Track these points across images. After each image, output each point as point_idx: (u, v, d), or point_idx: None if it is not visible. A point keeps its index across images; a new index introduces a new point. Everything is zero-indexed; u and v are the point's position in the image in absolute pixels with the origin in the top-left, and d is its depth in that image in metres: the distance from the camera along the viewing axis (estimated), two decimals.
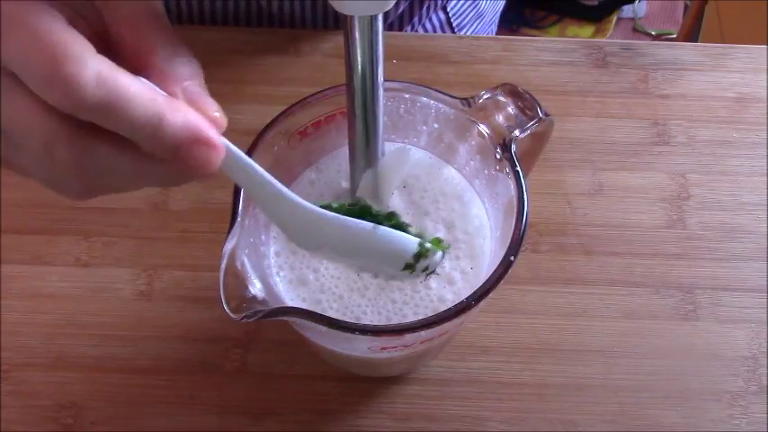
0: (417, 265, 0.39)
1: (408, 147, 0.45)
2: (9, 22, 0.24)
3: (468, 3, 0.72)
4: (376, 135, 0.40)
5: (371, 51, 0.36)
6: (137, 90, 0.26)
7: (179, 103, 0.28)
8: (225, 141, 0.30)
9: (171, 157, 0.28)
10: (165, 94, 0.28)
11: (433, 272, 0.41)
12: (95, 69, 0.25)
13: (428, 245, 0.40)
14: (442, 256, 0.41)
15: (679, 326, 0.51)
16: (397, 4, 0.65)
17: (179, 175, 0.30)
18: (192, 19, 0.65)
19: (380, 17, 0.35)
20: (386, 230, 0.39)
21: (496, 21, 0.80)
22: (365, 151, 0.40)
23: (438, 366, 0.49)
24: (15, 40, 0.24)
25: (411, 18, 0.68)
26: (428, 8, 0.69)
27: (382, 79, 0.38)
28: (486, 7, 0.75)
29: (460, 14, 0.72)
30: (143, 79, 0.27)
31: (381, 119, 0.39)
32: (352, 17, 0.34)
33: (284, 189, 0.35)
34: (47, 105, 0.25)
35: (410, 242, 0.39)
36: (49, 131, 0.26)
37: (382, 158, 0.42)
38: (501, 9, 0.81)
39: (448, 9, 0.71)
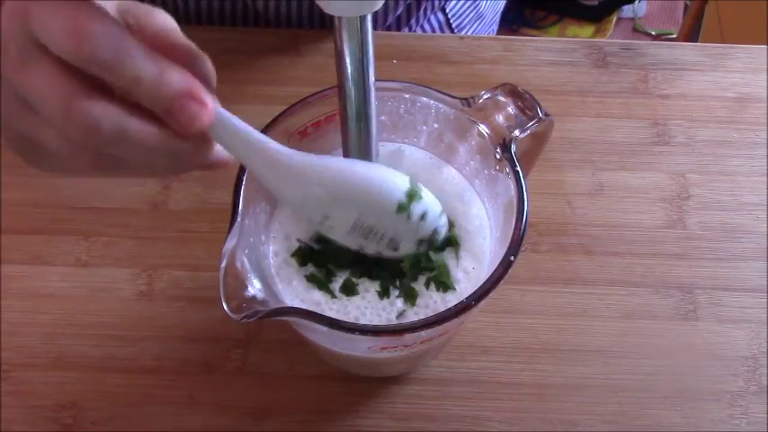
0: (411, 206, 0.38)
1: (403, 149, 0.45)
2: None
3: (468, 3, 0.72)
4: (369, 137, 0.40)
5: (361, 52, 0.36)
6: (142, 48, 0.29)
7: (177, 65, 0.31)
8: (217, 105, 0.32)
9: (165, 111, 0.30)
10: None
11: (434, 237, 0.40)
12: (108, 25, 0.28)
13: (417, 183, 0.39)
14: (441, 213, 0.40)
15: (679, 326, 0.51)
16: (395, 6, 0.65)
17: (179, 148, 0.32)
18: (189, 19, 0.65)
19: (369, 17, 0.35)
20: (375, 165, 0.38)
21: (497, 21, 0.80)
22: (359, 153, 0.40)
23: (438, 366, 0.49)
24: (46, 5, 0.28)
25: (408, 20, 0.68)
26: (425, 10, 0.69)
27: (374, 80, 0.38)
28: (486, 8, 0.75)
29: (460, 15, 0.72)
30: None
31: (374, 120, 0.39)
32: (340, 18, 0.34)
33: (279, 150, 0.35)
34: (67, 72, 0.29)
35: (401, 177, 0.38)
36: (69, 93, 0.29)
37: (376, 160, 0.41)
38: (501, 9, 0.80)
39: (447, 10, 0.71)
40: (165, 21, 0.33)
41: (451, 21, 0.71)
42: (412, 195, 0.38)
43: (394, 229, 0.39)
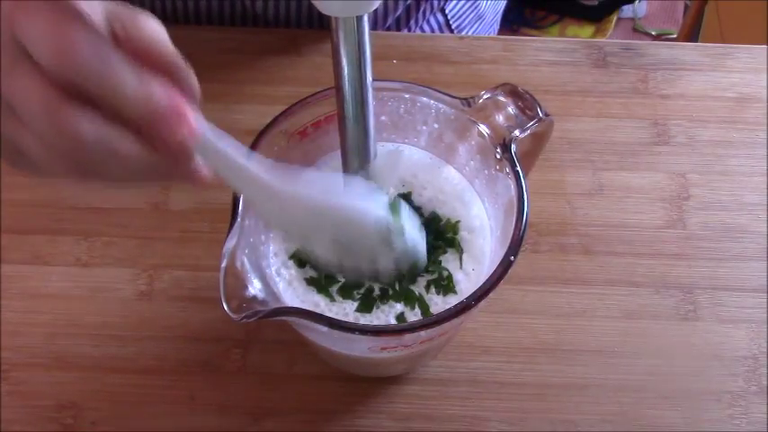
0: (390, 228, 0.38)
1: (401, 149, 0.45)
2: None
3: (468, 4, 0.72)
4: (367, 137, 0.40)
5: (359, 53, 0.36)
6: (125, 61, 0.29)
7: (161, 79, 0.31)
8: (200, 121, 0.32)
9: (149, 123, 0.30)
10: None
11: (412, 253, 0.40)
12: (92, 36, 0.28)
13: (398, 204, 0.39)
14: (424, 236, 0.40)
15: (679, 326, 0.51)
16: (394, 8, 0.65)
17: (160, 160, 0.32)
18: (188, 19, 0.65)
19: (366, 18, 0.35)
20: (355, 192, 0.38)
21: (498, 21, 0.80)
22: (357, 153, 0.40)
23: (438, 366, 0.49)
24: (30, 13, 0.28)
25: (408, 21, 0.68)
26: (424, 11, 0.69)
27: (371, 81, 0.38)
28: (486, 8, 0.75)
29: (460, 16, 0.72)
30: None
31: (372, 121, 0.39)
32: (337, 18, 0.34)
33: (259, 172, 0.34)
34: (52, 80, 0.29)
35: (380, 200, 0.38)
36: (53, 102, 0.29)
37: (374, 160, 0.41)
38: (502, 9, 0.80)
39: (446, 11, 0.71)
40: (153, 28, 0.33)
41: (451, 22, 0.71)
42: (392, 217, 0.38)
43: (372, 248, 0.39)
